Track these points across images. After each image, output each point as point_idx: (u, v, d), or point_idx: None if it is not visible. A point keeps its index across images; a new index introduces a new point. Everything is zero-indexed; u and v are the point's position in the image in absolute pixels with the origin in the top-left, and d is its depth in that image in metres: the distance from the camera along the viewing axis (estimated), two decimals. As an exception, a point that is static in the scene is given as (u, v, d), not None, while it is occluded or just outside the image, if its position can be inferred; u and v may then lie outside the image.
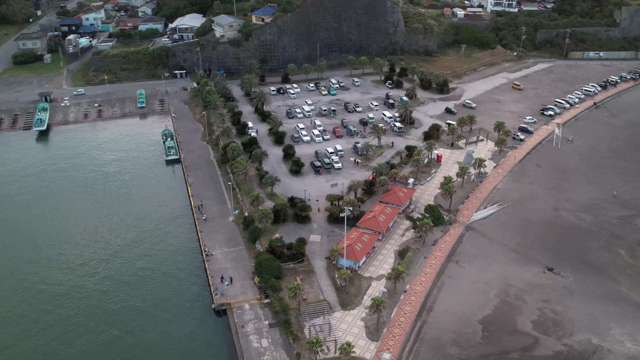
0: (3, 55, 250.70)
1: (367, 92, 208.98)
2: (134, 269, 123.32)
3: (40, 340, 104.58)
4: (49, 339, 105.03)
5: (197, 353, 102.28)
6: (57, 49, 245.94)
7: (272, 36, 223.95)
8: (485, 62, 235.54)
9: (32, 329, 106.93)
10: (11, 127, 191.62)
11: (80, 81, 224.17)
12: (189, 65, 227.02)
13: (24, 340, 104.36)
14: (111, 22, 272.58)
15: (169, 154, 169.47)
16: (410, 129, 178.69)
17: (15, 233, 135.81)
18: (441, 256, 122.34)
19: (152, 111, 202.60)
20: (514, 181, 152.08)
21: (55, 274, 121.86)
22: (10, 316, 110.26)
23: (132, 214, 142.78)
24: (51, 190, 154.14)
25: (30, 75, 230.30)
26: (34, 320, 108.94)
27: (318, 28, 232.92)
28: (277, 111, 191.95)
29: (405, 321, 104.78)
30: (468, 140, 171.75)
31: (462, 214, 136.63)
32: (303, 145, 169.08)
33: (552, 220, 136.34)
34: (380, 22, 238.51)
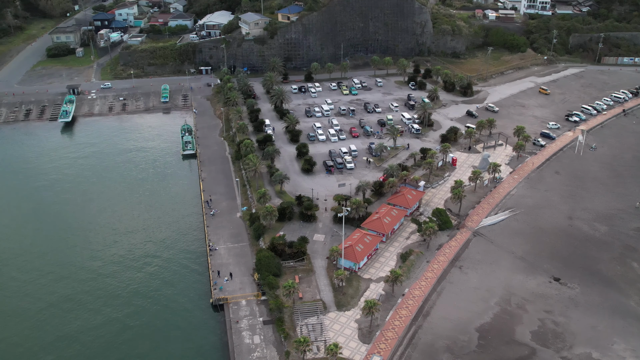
0: (39, 48, 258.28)
1: (389, 93, 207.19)
2: (138, 258, 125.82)
3: (43, 317, 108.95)
4: (52, 316, 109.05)
5: (190, 346, 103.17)
6: (89, 43, 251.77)
7: (297, 35, 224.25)
8: (514, 66, 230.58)
9: (34, 306, 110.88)
10: (38, 118, 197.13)
11: (109, 75, 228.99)
12: (214, 62, 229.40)
13: (27, 315, 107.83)
14: (143, 18, 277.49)
15: (186, 149, 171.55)
16: (428, 131, 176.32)
17: (29, 214, 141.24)
18: (444, 261, 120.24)
19: (175, 106, 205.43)
20: (530, 187, 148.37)
21: (61, 255, 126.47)
22: (16, 293, 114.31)
23: (143, 205, 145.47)
24: (67, 178, 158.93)
25: (61, 68, 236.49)
26: (36, 299, 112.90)
27: (344, 27, 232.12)
28: (296, 109, 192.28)
29: (399, 325, 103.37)
30: (486, 144, 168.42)
31: (471, 219, 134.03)
32: (318, 144, 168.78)
33: (564, 229, 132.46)
34: (407, 23, 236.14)
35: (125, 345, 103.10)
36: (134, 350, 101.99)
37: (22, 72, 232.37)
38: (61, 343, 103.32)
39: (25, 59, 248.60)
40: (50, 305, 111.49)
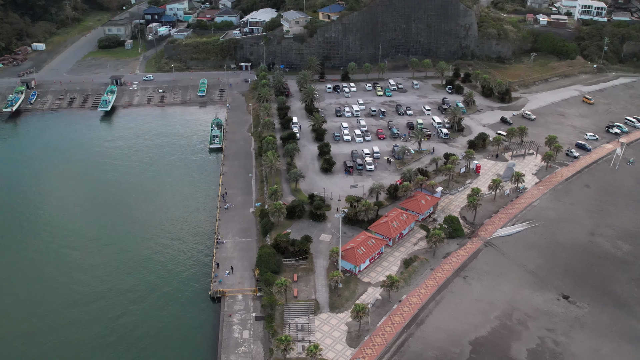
0: (92, 39, 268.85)
1: (424, 96, 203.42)
2: (148, 245, 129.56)
3: (54, 296, 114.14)
4: (59, 298, 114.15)
5: (182, 334, 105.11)
6: (138, 36, 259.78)
7: (337, 34, 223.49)
8: (560, 73, 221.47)
9: (46, 285, 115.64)
10: (81, 106, 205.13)
11: (153, 67, 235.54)
12: (254, 59, 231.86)
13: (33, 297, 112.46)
14: (193, 13, 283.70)
15: (213, 142, 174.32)
16: (457, 137, 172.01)
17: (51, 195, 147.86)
18: (449, 270, 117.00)
19: (211, 100, 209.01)
20: (554, 200, 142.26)
21: (75, 237, 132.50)
22: (31, 273, 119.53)
23: (162, 194, 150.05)
24: (95, 163, 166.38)
25: (109, 59, 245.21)
26: (49, 279, 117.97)
27: (385, 28, 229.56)
28: (327, 108, 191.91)
29: (390, 331, 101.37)
30: (516, 152, 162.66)
31: (485, 229, 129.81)
32: (342, 144, 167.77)
33: (584, 245, 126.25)
34: (451, 25, 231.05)
35: (120, 327, 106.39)
36: (126, 334, 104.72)
37: (73, 62, 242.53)
38: (56, 318, 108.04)
39: (78, 49, 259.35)
40: (59, 286, 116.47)
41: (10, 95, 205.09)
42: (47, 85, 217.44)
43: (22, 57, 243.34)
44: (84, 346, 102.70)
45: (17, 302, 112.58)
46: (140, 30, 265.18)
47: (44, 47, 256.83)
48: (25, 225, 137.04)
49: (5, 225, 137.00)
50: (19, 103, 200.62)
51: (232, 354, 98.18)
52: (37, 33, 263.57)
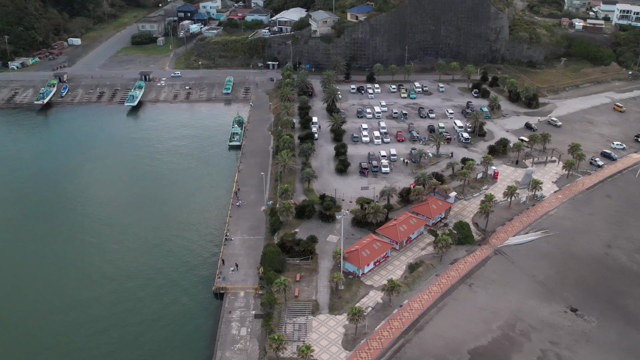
0: (126, 35, 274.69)
1: (449, 99, 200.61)
2: (158, 239, 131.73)
3: (65, 279, 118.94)
4: (71, 280, 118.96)
5: (181, 327, 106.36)
6: (171, 34, 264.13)
7: (364, 34, 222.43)
8: (592, 79, 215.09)
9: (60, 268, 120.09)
10: (109, 101, 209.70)
11: (182, 64, 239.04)
12: (282, 58, 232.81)
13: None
14: (226, 12, 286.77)
15: (232, 140, 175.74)
16: (478, 141, 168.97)
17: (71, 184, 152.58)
18: (455, 276, 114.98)
19: (236, 98, 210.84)
20: (573, 209, 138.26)
21: (91, 225, 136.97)
22: (48, 255, 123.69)
23: (177, 189, 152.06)
24: (118, 155, 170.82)
25: (141, 55, 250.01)
26: (64, 260, 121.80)
27: (414, 30, 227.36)
28: (350, 109, 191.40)
29: (387, 336, 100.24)
30: (538, 159, 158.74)
31: (496, 236, 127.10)
32: (360, 145, 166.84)
33: (599, 257, 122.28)
34: (481, 28, 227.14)
35: (120, 313, 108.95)
36: (125, 320, 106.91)
37: (106, 57, 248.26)
38: (67, 296, 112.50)
39: (112, 44, 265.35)
40: (71, 269, 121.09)
41: (43, 88, 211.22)
42: (78, 79, 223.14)
43: (57, 52, 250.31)
44: (81, 327, 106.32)
45: (33, 284, 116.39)
46: (173, 27, 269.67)
47: (80, 42, 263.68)
48: (51, 210, 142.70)
49: (33, 209, 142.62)
50: (50, 96, 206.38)
51: (227, 350, 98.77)
52: (74, 28, 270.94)
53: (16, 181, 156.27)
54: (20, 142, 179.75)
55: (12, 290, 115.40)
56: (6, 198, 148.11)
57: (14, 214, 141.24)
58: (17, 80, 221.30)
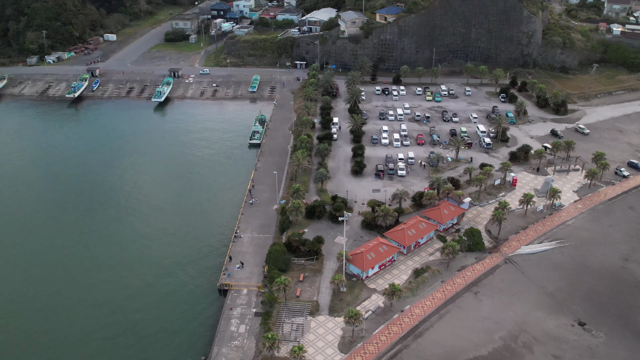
0: (160, 32, 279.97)
1: (475, 103, 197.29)
2: (168, 232, 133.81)
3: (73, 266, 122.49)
4: (83, 264, 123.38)
5: (183, 321, 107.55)
6: (203, 31, 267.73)
7: (393, 36, 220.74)
8: (627, 86, 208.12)
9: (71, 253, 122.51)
10: (138, 96, 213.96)
11: (211, 62, 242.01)
12: (310, 57, 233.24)
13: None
14: (259, 11, 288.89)
15: (253, 138, 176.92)
16: (500, 147, 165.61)
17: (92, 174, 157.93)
18: (461, 284, 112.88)
19: (261, 97, 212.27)
20: (592, 220, 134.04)
21: (110, 211, 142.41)
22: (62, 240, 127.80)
23: (193, 184, 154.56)
24: (140, 148, 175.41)
25: (173, 52, 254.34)
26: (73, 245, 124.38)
27: (444, 32, 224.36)
28: (373, 111, 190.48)
29: (385, 341, 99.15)
30: (560, 167, 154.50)
31: (508, 245, 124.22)
32: (379, 147, 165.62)
33: (614, 270, 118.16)
34: (513, 32, 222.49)
35: (124, 304, 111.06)
36: (130, 317, 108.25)
37: (139, 53, 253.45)
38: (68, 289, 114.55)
39: (146, 41, 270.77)
40: (80, 255, 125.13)
41: (74, 82, 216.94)
42: (110, 74, 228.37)
43: (93, 47, 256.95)
44: (85, 309, 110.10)
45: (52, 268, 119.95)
46: (206, 25, 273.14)
47: (115, 38, 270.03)
48: (74, 197, 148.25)
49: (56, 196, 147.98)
50: (81, 90, 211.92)
51: (224, 347, 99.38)
52: (111, 24, 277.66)
53: (45, 167, 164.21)
54: (51, 133, 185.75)
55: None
56: (33, 181, 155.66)
57: (40, 197, 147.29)
58: (52, 74, 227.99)
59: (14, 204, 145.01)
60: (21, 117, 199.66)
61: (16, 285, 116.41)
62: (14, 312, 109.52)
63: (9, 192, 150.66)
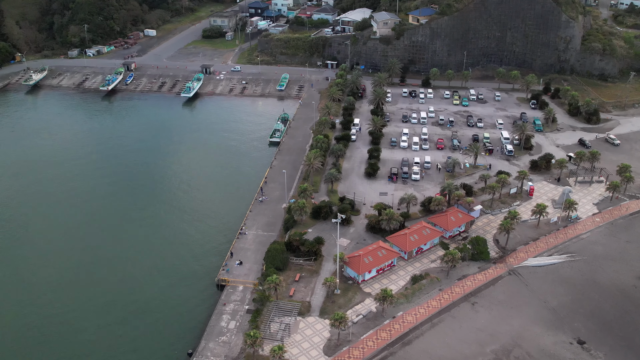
0: (200, 29, 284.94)
1: (503, 109, 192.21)
2: (175, 226, 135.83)
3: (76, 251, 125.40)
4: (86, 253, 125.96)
5: (176, 315, 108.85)
6: (239, 29, 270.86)
7: (424, 38, 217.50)
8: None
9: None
10: (169, 91, 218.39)
11: (244, 59, 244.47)
12: (341, 57, 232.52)
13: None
14: (297, 10, 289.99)
15: (273, 136, 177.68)
16: (523, 155, 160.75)
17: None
18: (459, 293, 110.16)
19: (288, 95, 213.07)
20: (608, 234, 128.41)
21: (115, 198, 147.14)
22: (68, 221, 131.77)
23: (209, 178, 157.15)
24: (161, 141, 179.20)
25: (208, 49, 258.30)
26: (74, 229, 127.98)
27: (477, 35, 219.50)
28: (397, 113, 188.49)
29: (371, 346, 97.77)
30: (583, 178, 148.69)
31: (515, 256, 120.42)
32: (397, 150, 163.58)
33: (625, 288, 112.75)
34: (549, 37, 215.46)
35: (122, 292, 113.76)
36: (126, 307, 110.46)
37: (175, 49, 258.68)
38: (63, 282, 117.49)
39: (184, 37, 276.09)
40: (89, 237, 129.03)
41: (109, 75, 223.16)
42: (145, 68, 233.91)
43: (132, 42, 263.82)
44: (86, 298, 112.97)
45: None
46: (244, 23, 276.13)
47: (155, 33, 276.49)
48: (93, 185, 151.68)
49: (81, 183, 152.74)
50: (115, 83, 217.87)
51: (212, 341, 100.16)
52: (152, 20, 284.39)
53: (71, 153, 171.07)
54: (81, 124, 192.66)
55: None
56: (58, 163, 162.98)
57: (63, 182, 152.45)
58: (90, 67, 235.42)
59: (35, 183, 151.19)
60: (57, 107, 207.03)
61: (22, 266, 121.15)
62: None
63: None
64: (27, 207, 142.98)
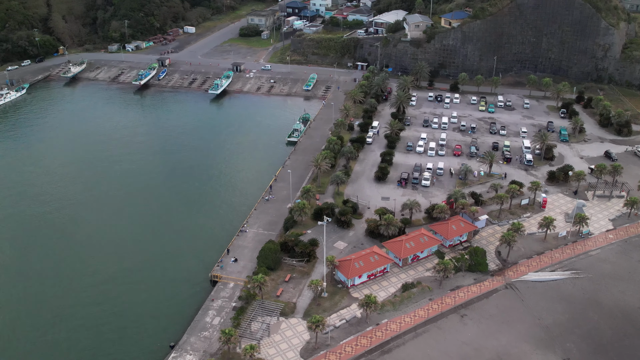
0: (238, 27, 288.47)
1: (531, 117, 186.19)
2: (177, 220, 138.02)
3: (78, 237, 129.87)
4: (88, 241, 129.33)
5: (165, 308, 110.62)
6: (277, 28, 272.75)
7: (455, 42, 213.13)
8: None
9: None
10: (198, 87, 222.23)
11: (276, 58, 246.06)
12: (372, 59, 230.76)
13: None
14: (335, 10, 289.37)
15: (291, 136, 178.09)
16: (543, 165, 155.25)
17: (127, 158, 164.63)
18: (449, 304, 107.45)
19: (314, 95, 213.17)
20: (620, 253, 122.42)
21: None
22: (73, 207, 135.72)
23: (220, 176, 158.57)
24: (179, 137, 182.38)
25: (243, 47, 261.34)
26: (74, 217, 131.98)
27: (512, 40, 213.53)
28: (419, 117, 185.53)
29: (349, 352, 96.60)
30: (603, 192, 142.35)
31: (516, 269, 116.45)
32: (412, 155, 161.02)
33: (629, 310, 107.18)
34: (587, 44, 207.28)
35: (114, 291, 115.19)
36: (118, 299, 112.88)
37: (212, 46, 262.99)
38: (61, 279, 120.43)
39: (222, 35, 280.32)
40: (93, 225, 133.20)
41: (142, 70, 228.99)
42: (178, 65, 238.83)
43: (171, 38, 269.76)
44: (81, 286, 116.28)
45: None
46: (280, 22, 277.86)
47: (194, 30, 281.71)
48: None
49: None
50: (147, 78, 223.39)
51: (194, 336, 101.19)
52: (192, 17, 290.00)
53: (85, 145, 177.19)
54: (109, 115, 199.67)
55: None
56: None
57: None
58: (127, 62, 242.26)
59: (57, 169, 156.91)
60: (91, 99, 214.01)
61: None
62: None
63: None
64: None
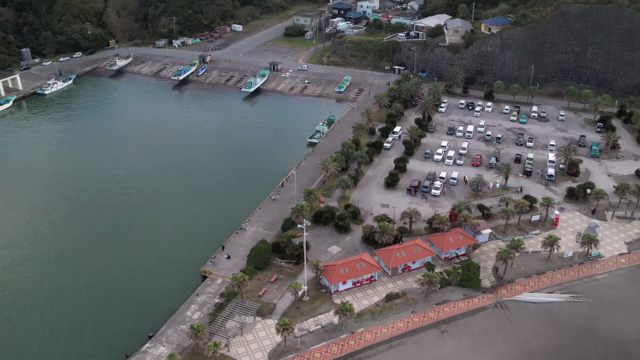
0: (285, 26, 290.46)
1: (563, 130, 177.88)
2: (180, 215, 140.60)
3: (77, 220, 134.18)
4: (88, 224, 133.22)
5: (152, 298, 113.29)
6: (318, 29, 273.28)
7: (494, 48, 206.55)
8: None
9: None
10: (234, 85, 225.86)
11: (315, 59, 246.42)
12: (409, 63, 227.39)
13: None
14: (381, 12, 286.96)
15: (313, 137, 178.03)
16: (566, 180, 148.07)
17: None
18: (432, 318, 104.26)
19: (346, 97, 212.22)
20: (629, 279, 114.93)
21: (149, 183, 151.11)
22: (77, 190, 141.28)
23: (235, 173, 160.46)
24: (201, 134, 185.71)
25: (285, 47, 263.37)
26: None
27: (554, 49, 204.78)
28: (445, 124, 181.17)
29: (317, 358, 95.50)
30: (624, 213, 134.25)
31: (510, 288, 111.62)
32: (429, 163, 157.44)
33: (625, 342, 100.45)
34: (636, 55, 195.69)
35: (103, 281, 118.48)
36: (107, 290, 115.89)
37: (255, 45, 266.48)
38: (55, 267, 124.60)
39: (268, 34, 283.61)
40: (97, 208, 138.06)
41: (182, 66, 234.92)
42: (219, 62, 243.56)
43: (218, 35, 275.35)
44: (77, 275, 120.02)
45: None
46: (325, 23, 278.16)
47: (241, 28, 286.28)
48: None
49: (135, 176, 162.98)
50: (187, 74, 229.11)
51: (171, 328, 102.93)
52: (240, 16, 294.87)
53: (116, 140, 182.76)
54: (146, 108, 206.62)
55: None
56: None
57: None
58: (171, 57, 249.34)
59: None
60: (133, 92, 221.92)
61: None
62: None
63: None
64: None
